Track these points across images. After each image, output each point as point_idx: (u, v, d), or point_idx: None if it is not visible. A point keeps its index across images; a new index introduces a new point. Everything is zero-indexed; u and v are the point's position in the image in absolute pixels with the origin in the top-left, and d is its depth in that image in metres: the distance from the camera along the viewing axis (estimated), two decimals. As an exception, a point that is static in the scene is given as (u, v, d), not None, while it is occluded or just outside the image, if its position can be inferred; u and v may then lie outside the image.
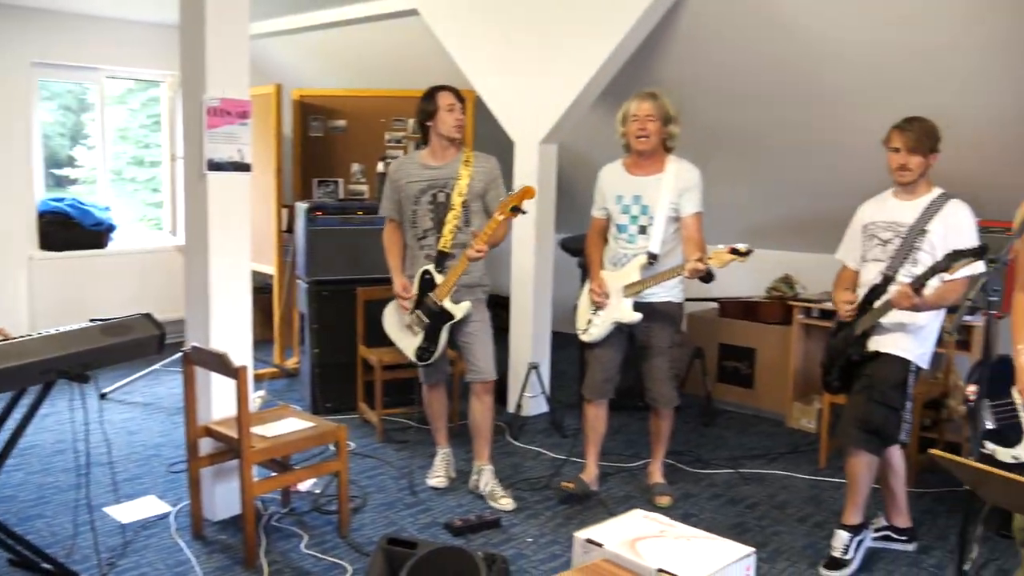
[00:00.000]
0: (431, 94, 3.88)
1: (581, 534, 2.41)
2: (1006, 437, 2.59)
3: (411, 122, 6.03)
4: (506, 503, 3.87)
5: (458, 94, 3.91)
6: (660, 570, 2.20)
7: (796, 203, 5.54)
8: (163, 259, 7.09)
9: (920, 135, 3.24)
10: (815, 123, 4.85)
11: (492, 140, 5.37)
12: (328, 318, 5.16)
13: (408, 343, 3.98)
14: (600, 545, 2.35)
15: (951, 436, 4.49)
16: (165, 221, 7.47)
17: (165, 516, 3.73)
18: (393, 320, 4.06)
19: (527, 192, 3.72)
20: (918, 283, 3.04)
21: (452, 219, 3.84)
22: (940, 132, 3.30)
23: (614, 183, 3.87)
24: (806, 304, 5.11)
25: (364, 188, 6.15)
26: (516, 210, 3.72)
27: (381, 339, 4.29)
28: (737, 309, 5.67)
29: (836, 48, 4.31)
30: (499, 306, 5.52)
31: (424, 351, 3.92)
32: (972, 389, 2.60)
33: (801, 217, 5.62)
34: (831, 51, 4.34)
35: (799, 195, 5.46)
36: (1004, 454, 2.58)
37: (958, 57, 4.03)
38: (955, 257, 2.91)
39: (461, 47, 5.37)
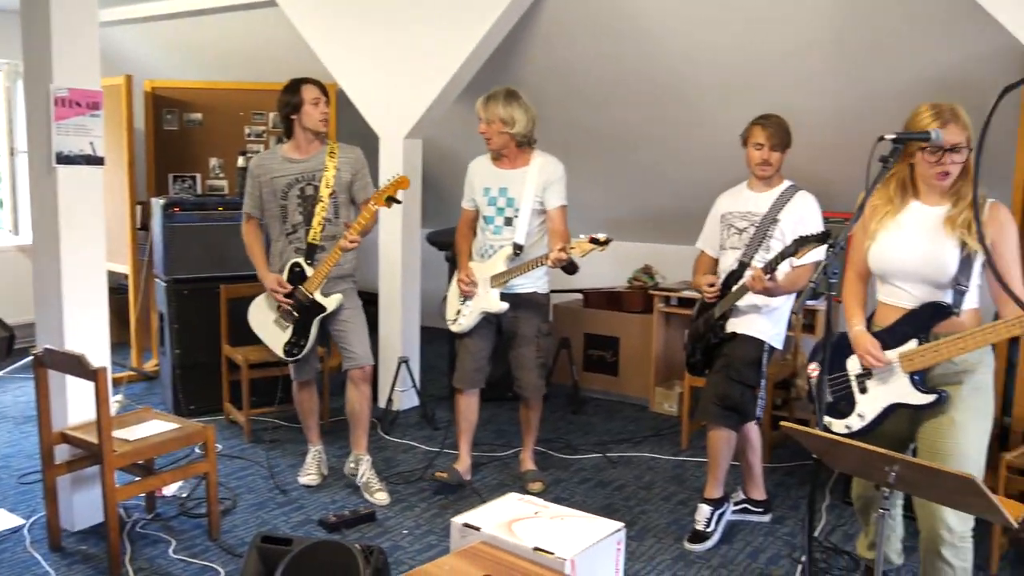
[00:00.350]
0: (295, 87, 3.82)
1: (458, 519, 2.45)
2: (839, 409, 2.81)
3: (272, 115, 5.91)
4: (381, 497, 3.87)
5: (323, 87, 3.88)
6: (536, 548, 2.27)
7: (655, 197, 5.76)
8: (3, 260, 6.66)
9: (779, 131, 3.46)
10: (672, 121, 5.06)
11: (356, 134, 5.33)
12: (189, 317, 4.99)
13: (276, 339, 3.92)
14: (477, 529, 2.39)
15: (800, 414, 4.79)
16: (4, 219, 7.01)
17: (18, 529, 3.52)
18: (260, 316, 3.98)
19: (402, 182, 3.74)
20: (769, 267, 3.24)
21: (320, 211, 3.81)
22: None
23: (482, 176, 3.93)
24: (666, 293, 5.33)
25: (224, 183, 5.98)
26: (391, 200, 3.74)
27: (247, 337, 4.20)
28: (601, 299, 5.85)
29: (690, 49, 4.52)
30: (367, 302, 5.49)
31: (293, 346, 3.87)
32: (813, 367, 2.81)
33: (659, 210, 5.85)
34: (686, 52, 4.54)
35: (657, 190, 5.68)
36: (838, 425, 2.79)
37: (805, 59, 4.30)
38: (802, 243, 3.13)
39: (321, 40, 5.30)
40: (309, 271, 3.80)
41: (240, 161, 5.37)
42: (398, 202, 3.80)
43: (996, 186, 3.81)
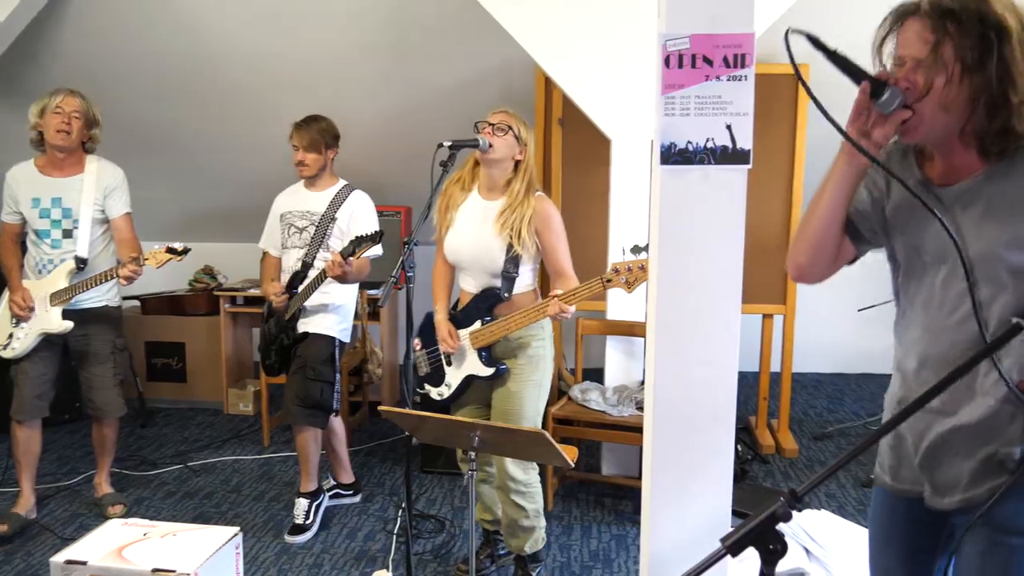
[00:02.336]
0: None
1: (58, 558, 2.27)
2: (436, 379, 3.14)
3: None
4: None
5: None
6: (155, 570, 2.21)
7: (213, 196, 5.65)
8: None
9: (316, 133, 3.62)
10: (226, 119, 5.01)
11: None
12: None
13: None
14: (83, 563, 2.25)
15: (373, 397, 5.11)
16: None
17: None
18: None
19: None
20: (346, 253, 3.38)
21: None
22: (337, 129, 3.71)
23: (28, 185, 3.56)
24: (231, 293, 5.28)
25: None
26: None
27: None
28: (161, 305, 5.58)
29: (240, 48, 4.53)
30: None
31: None
32: (416, 341, 3.12)
33: (219, 209, 5.75)
34: (235, 51, 4.54)
35: (215, 188, 5.58)
36: (434, 393, 3.13)
37: (356, 63, 4.56)
38: (358, 243, 3.34)
39: None
40: None
41: None
42: None
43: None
